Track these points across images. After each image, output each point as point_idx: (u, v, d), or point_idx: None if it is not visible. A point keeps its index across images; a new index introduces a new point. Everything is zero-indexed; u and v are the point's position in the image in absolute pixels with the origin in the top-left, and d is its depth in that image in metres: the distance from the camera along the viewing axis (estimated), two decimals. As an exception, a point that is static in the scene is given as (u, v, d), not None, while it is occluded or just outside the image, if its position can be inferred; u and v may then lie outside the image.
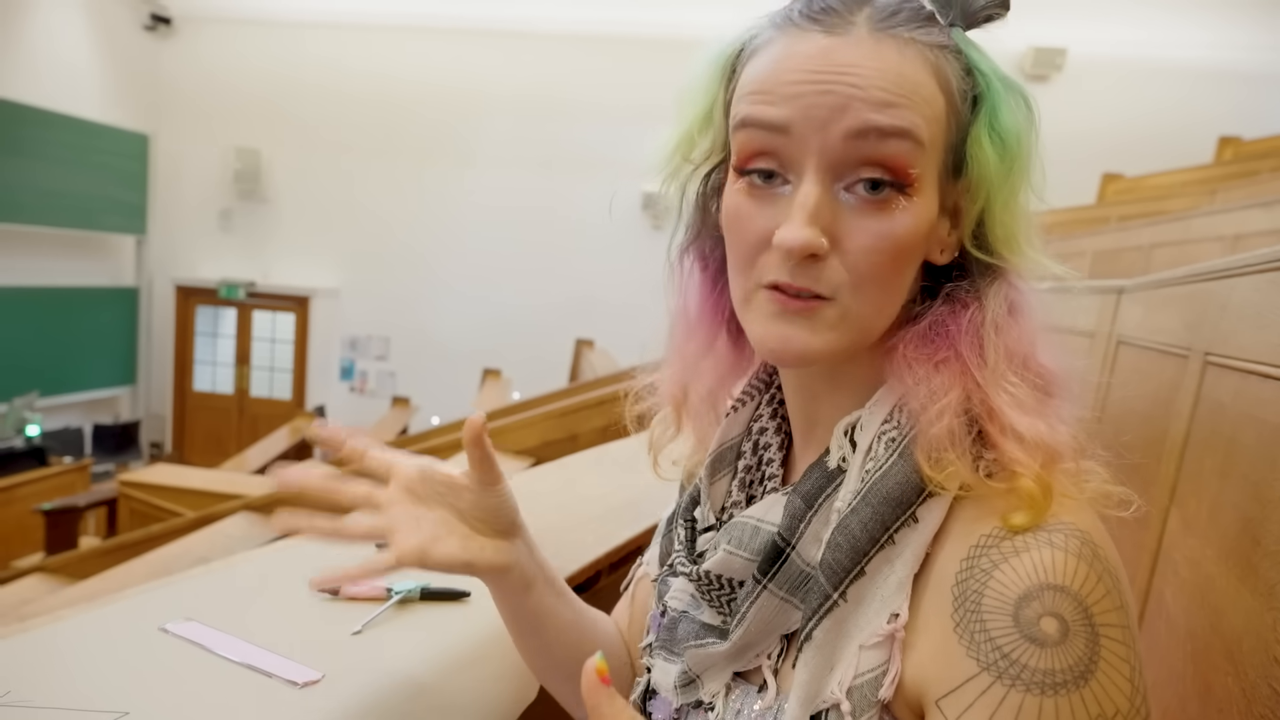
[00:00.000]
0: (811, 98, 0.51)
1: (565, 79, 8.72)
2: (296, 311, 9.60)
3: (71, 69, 8.37)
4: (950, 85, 0.54)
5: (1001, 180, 0.54)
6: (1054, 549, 0.48)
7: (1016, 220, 0.55)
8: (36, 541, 4.93)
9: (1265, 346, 0.72)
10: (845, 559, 0.53)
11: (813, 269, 0.53)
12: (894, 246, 0.53)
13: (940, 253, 0.58)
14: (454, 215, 9.14)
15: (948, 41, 0.55)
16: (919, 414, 0.54)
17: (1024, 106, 0.56)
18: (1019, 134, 0.54)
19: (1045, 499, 0.50)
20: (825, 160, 0.52)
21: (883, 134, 0.51)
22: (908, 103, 0.51)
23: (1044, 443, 0.51)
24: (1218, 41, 7.54)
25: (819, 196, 0.52)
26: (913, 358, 0.55)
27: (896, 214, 0.52)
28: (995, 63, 0.56)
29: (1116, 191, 6.67)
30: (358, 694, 0.77)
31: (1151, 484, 0.97)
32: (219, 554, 2.71)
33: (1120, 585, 0.49)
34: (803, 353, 0.54)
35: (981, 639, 0.48)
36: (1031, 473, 0.50)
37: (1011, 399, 0.53)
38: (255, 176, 9.34)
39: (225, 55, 9.30)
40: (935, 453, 0.52)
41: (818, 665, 0.54)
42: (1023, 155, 0.55)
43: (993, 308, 0.55)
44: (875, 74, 0.51)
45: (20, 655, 0.79)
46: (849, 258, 0.53)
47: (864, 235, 0.52)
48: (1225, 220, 3.21)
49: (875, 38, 0.52)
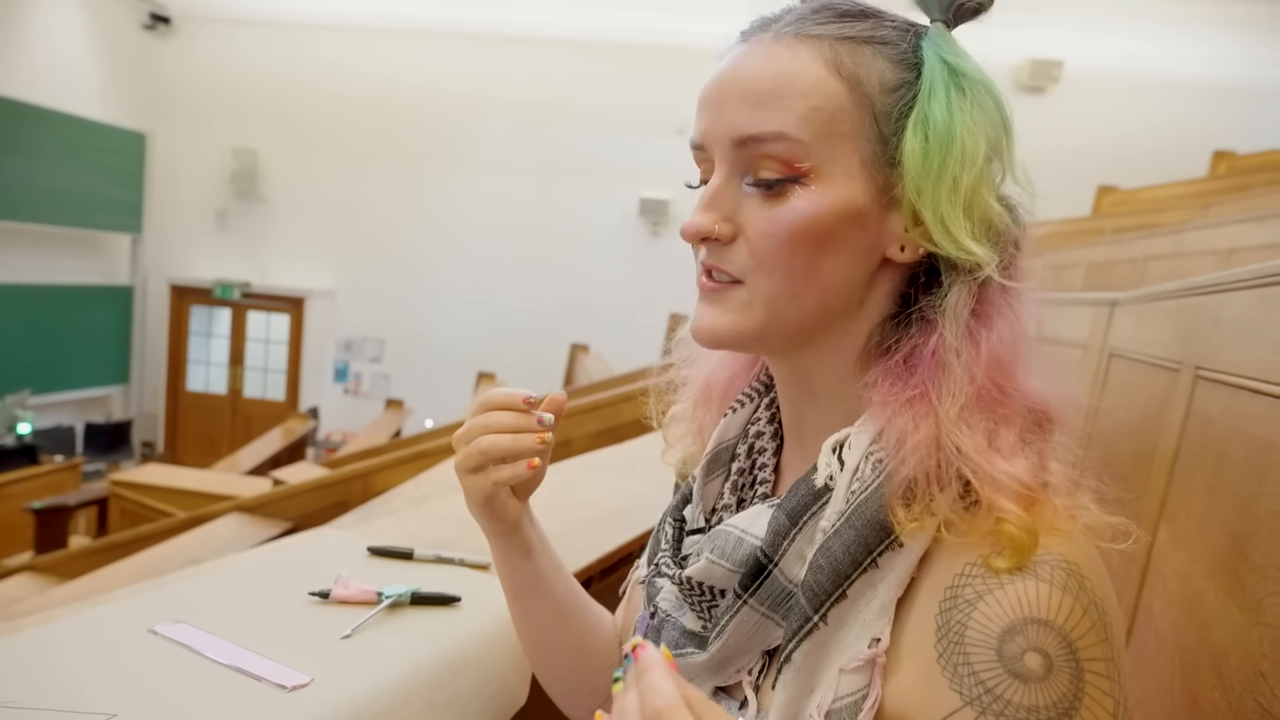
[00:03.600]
0: (712, 110, 0.57)
1: (564, 85, 8.73)
2: (291, 312, 9.58)
3: (70, 67, 8.36)
4: (856, 74, 0.54)
5: (926, 168, 0.53)
6: (1039, 581, 0.48)
7: (951, 210, 0.53)
8: (26, 540, 4.90)
9: (1256, 362, 0.73)
10: (827, 581, 0.53)
11: (719, 251, 0.57)
12: (789, 231, 0.55)
13: (900, 250, 0.57)
14: (451, 219, 9.14)
15: (871, 33, 0.56)
16: (892, 453, 0.53)
17: (984, 99, 0.55)
18: (949, 124, 0.53)
19: (1030, 544, 0.48)
20: (727, 161, 0.57)
21: (757, 140, 0.55)
22: (782, 98, 0.54)
23: (1024, 486, 0.50)
24: (1214, 56, 7.59)
25: (718, 187, 0.57)
26: (886, 396, 0.55)
27: (792, 200, 0.55)
28: (962, 57, 0.56)
29: (1111, 204, 6.70)
30: (346, 698, 0.77)
31: (1142, 497, 0.98)
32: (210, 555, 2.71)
33: (1106, 616, 0.48)
34: (712, 331, 0.58)
35: (965, 672, 0.48)
36: (1013, 517, 0.49)
37: (984, 441, 0.51)
38: (252, 177, 9.32)
39: (224, 55, 9.29)
40: (906, 498, 0.52)
41: (797, 687, 0.53)
42: (955, 145, 0.53)
43: (950, 327, 0.54)
44: (755, 73, 0.55)
45: (9, 656, 0.78)
46: (751, 243, 0.56)
47: (761, 221, 0.56)
48: (1219, 234, 3.22)
49: (775, 39, 0.56)
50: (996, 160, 0.55)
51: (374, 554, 1.12)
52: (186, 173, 9.52)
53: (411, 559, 1.12)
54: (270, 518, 3.29)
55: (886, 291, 0.58)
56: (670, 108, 7.81)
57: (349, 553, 1.12)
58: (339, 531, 1.39)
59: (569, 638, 0.79)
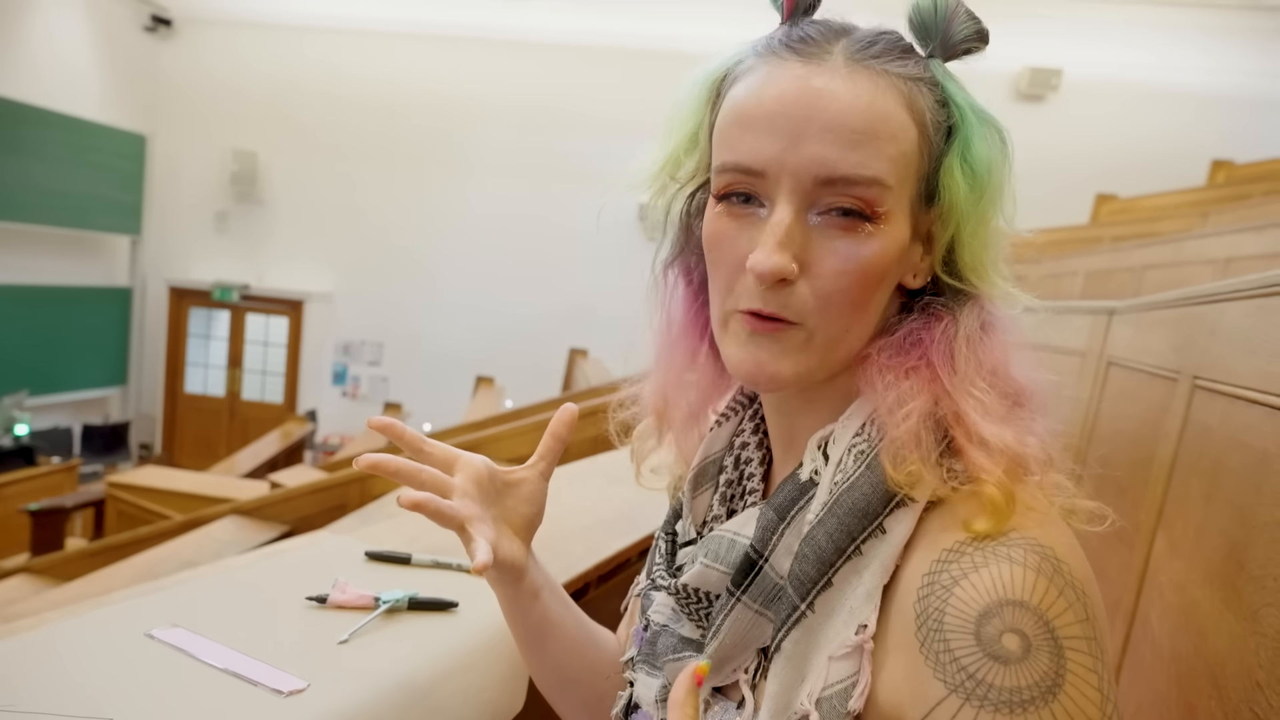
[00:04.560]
0: (785, 138, 0.53)
1: (564, 90, 8.74)
2: (290, 315, 9.57)
3: (71, 68, 8.36)
4: (924, 117, 0.55)
5: (971, 209, 0.56)
6: (1012, 564, 0.48)
7: (985, 248, 0.57)
8: (22, 542, 4.89)
9: (1253, 372, 0.73)
10: (812, 570, 0.54)
11: (782, 294, 0.55)
12: (860, 270, 0.54)
13: (913, 277, 0.59)
14: (449, 222, 9.14)
15: (923, 74, 0.56)
16: (886, 418, 0.55)
17: (997, 139, 0.57)
18: (990, 165, 0.56)
19: (1008, 505, 0.50)
20: (800, 196, 0.54)
21: (850, 182, 0.53)
22: (876, 140, 0.53)
23: (1010, 450, 0.52)
24: (1213, 66, 7.61)
25: (791, 221, 0.54)
26: (885, 365, 0.57)
27: (864, 239, 0.54)
28: (971, 96, 0.57)
29: (1110, 212, 6.72)
30: (343, 704, 0.77)
31: (1139, 506, 0.98)
32: (206, 558, 2.70)
33: (1086, 597, 0.48)
34: (774, 376, 0.56)
35: (947, 659, 0.48)
36: (994, 478, 0.50)
37: (979, 405, 0.54)
38: (252, 179, 9.32)
39: (225, 58, 9.30)
40: (899, 453, 0.53)
41: (788, 676, 0.54)
42: (993, 185, 0.56)
43: (966, 323, 0.57)
44: (847, 106, 0.53)
45: (5, 659, 0.78)
46: (817, 282, 0.54)
47: (833, 258, 0.54)
48: (1217, 243, 3.23)
49: (850, 68, 0.54)
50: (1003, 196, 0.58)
51: (371, 559, 1.12)
52: (186, 175, 9.53)
53: (409, 564, 1.12)
54: (267, 521, 3.29)
55: (892, 309, 0.60)
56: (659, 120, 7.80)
57: (346, 557, 1.12)
58: (336, 536, 1.39)
59: (583, 667, 0.78)
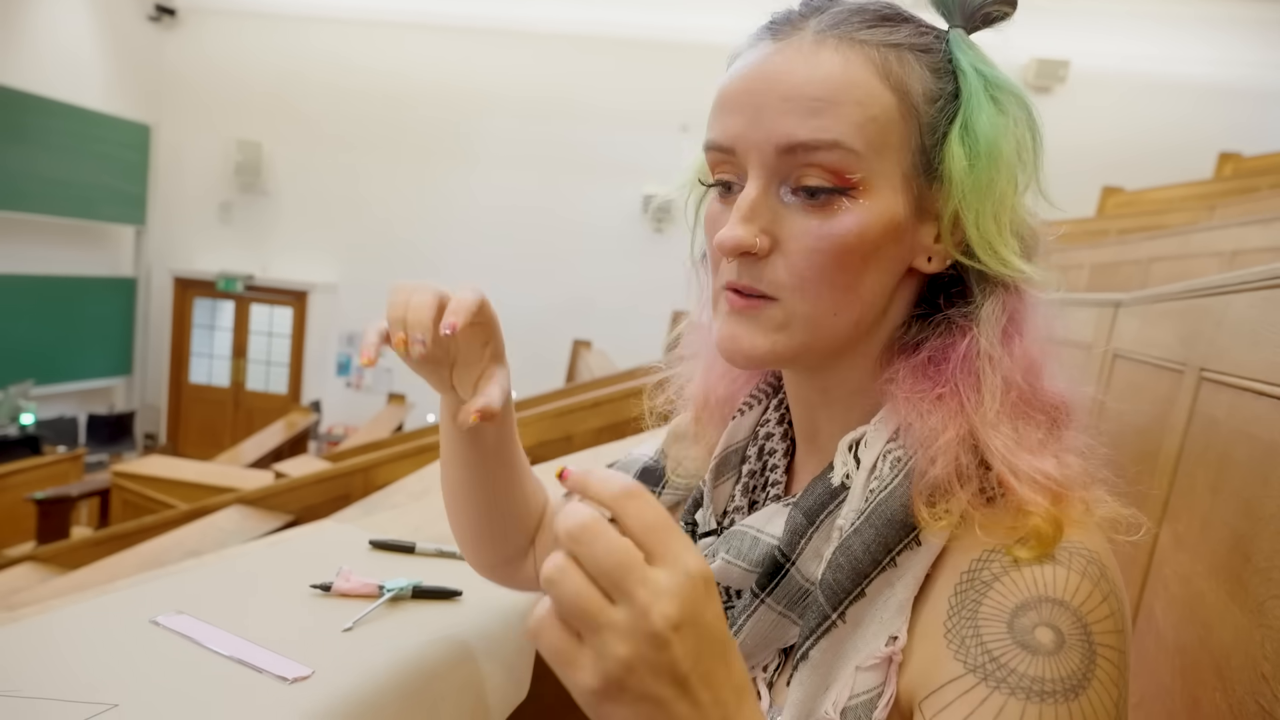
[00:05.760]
0: (749, 112, 0.53)
1: (569, 80, 8.71)
2: (294, 305, 9.58)
3: (75, 58, 8.35)
4: (905, 84, 0.53)
5: (974, 184, 0.53)
6: (1056, 564, 0.48)
7: (997, 227, 0.53)
8: (28, 530, 4.91)
9: (1259, 364, 0.73)
10: (846, 580, 0.53)
11: (755, 267, 0.54)
12: (835, 246, 0.52)
13: (928, 260, 0.56)
14: (454, 213, 9.13)
15: (914, 40, 0.55)
16: (917, 450, 0.53)
17: (1017, 111, 0.54)
18: (995, 138, 0.53)
19: (1055, 536, 0.49)
20: (765, 168, 0.54)
21: (808, 148, 0.52)
22: (837, 105, 0.51)
23: (1051, 481, 0.50)
24: (1220, 58, 7.56)
25: (756, 197, 0.54)
26: (910, 392, 0.54)
27: (839, 214, 0.52)
28: (991, 66, 0.55)
29: (1116, 204, 6.68)
30: (347, 690, 0.77)
31: (1145, 498, 0.97)
32: (211, 547, 2.71)
33: (1123, 610, 0.48)
34: (749, 353, 0.55)
35: (973, 644, 0.48)
36: (1042, 511, 0.49)
37: (1011, 438, 0.52)
38: (256, 169, 9.32)
39: (229, 47, 9.29)
40: (932, 495, 0.52)
41: (813, 685, 0.53)
42: (1002, 161, 0.53)
43: (987, 335, 0.54)
44: (805, 76, 0.52)
45: (11, 645, 0.79)
46: (791, 259, 0.54)
47: (805, 236, 0.53)
48: (1224, 236, 3.21)
49: (817, 40, 0.53)
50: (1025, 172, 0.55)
51: (376, 547, 1.13)
52: (191, 165, 9.52)
53: (413, 553, 1.12)
54: (272, 510, 3.30)
55: (907, 298, 0.58)
56: (675, 104, 7.80)
57: (351, 546, 1.13)
58: (341, 525, 1.39)
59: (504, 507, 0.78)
